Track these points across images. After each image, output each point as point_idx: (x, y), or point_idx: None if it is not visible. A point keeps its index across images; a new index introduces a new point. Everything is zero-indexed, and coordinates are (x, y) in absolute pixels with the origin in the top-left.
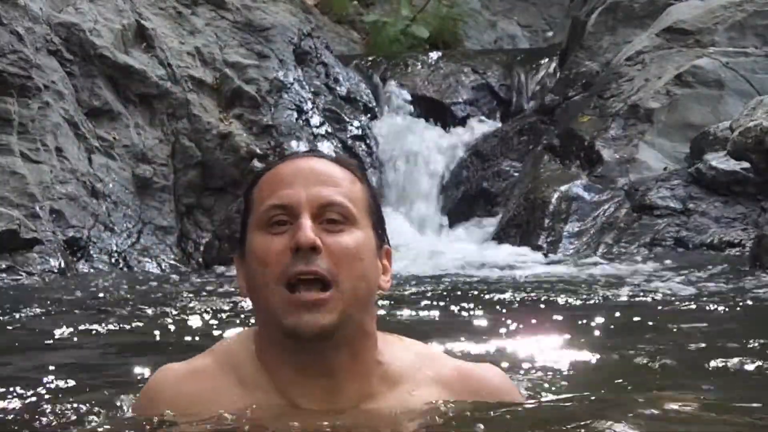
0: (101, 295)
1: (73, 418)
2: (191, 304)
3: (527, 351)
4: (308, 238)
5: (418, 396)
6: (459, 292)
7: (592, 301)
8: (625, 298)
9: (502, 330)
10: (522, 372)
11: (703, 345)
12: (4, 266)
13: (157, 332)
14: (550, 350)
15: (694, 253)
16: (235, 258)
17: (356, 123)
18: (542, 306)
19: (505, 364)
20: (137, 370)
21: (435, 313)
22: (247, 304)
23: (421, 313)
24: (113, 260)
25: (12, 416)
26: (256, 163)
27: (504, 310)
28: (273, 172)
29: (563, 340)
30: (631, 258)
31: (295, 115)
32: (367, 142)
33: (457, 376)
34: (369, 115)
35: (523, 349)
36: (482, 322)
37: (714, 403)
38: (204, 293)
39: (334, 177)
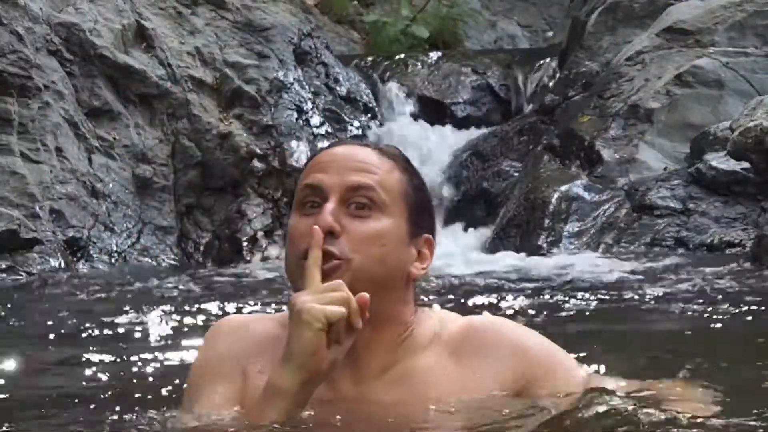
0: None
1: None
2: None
3: None
4: (325, 221)
5: (434, 361)
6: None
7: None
8: (624, 298)
9: None
10: None
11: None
12: (4, 266)
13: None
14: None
15: (694, 253)
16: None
17: (356, 123)
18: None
19: None
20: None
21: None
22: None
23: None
24: (113, 260)
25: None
26: (256, 163)
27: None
28: (316, 156)
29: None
30: (631, 258)
31: (295, 115)
32: (366, 141)
33: (461, 333)
34: (369, 115)
35: None
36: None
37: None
38: (203, 293)
39: (369, 163)
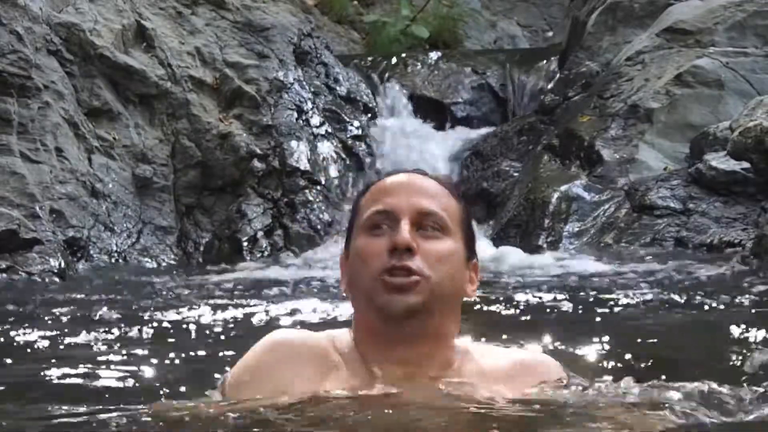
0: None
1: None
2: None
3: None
4: (405, 239)
5: (489, 367)
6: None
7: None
8: (624, 298)
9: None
10: None
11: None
12: (3, 266)
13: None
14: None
15: (694, 253)
16: (341, 258)
17: (356, 123)
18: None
19: None
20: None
21: None
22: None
23: None
24: (113, 260)
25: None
26: (256, 163)
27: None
28: (380, 182)
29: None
30: (631, 258)
31: (295, 115)
32: (367, 141)
33: (518, 365)
34: (369, 115)
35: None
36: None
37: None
38: (203, 293)
39: (433, 190)
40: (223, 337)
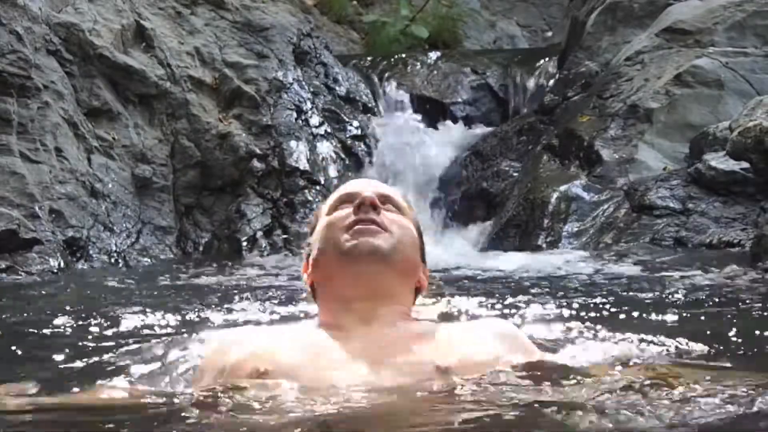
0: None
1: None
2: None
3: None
4: (370, 195)
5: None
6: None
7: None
8: (623, 298)
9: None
10: None
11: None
12: (3, 266)
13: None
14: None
15: (694, 253)
16: (303, 266)
17: (355, 123)
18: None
19: None
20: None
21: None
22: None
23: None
24: (113, 260)
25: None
26: (256, 163)
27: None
28: (342, 186)
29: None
30: (630, 258)
31: (295, 115)
32: (367, 141)
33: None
34: (368, 115)
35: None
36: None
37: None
38: (203, 293)
39: (391, 188)
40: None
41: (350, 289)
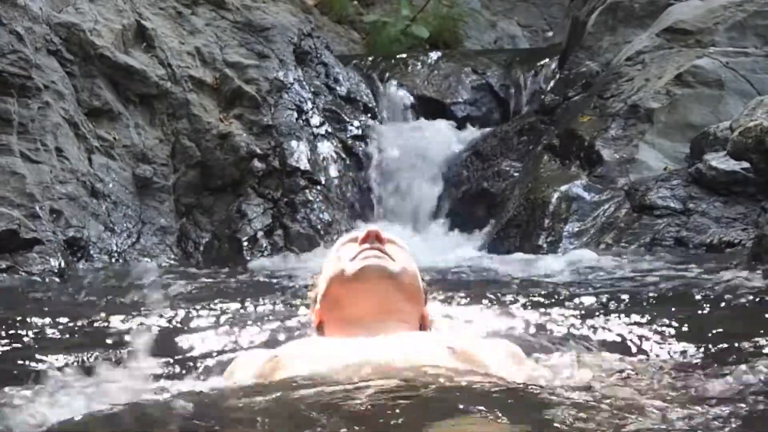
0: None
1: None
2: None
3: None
4: (374, 228)
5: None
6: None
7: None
8: (623, 298)
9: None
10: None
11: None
12: (4, 266)
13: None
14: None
15: (694, 253)
16: (311, 311)
17: (356, 123)
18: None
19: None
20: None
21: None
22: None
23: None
24: (113, 260)
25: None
26: (256, 163)
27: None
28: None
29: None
30: (631, 258)
31: (295, 115)
32: (367, 141)
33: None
34: (369, 115)
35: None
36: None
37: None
38: (203, 293)
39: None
40: (222, 337)
41: (360, 308)
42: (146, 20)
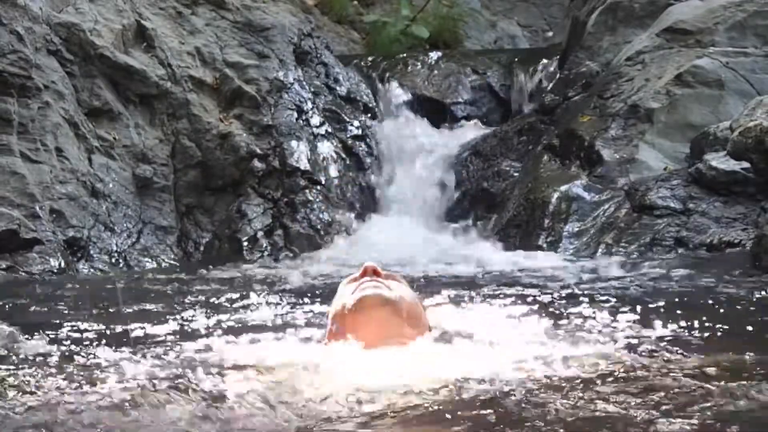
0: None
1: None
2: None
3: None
4: (371, 263)
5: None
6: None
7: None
8: (623, 298)
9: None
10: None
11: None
12: (4, 266)
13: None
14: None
15: (694, 253)
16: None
17: (356, 123)
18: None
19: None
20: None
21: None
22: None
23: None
24: (113, 260)
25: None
26: (256, 163)
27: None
28: None
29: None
30: (630, 258)
31: (295, 115)
32: (367, 141)
33: None
34: (369, 115)
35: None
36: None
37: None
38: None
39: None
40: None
41: (362, 336)
42: (146, 20)
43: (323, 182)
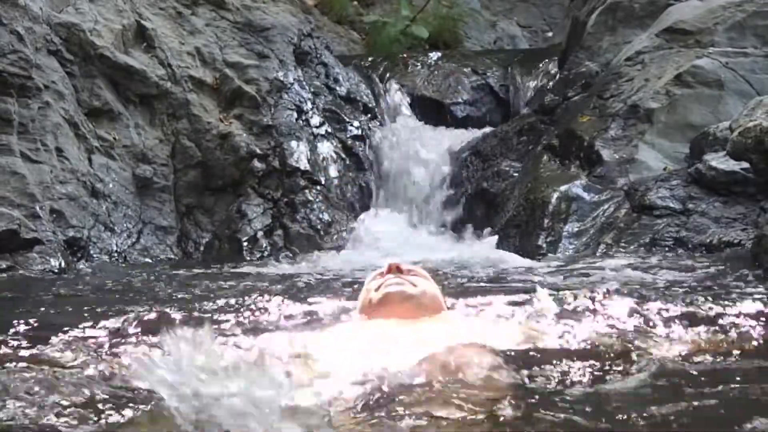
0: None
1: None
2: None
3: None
4: (394, 262)
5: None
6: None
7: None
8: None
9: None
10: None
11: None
12: (4, 266)
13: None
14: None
15: (694, 253)
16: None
17: (356, 123)
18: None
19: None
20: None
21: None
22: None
23: None
24: (113, 260)
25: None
26: (256, 163)
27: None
28: None
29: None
30: (630, 258)
31: (295, 115)
32: (367, 141)
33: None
34: (368, 115)
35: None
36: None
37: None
38: (203, 293)
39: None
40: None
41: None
42: (146, 20)
43: (323, 182)
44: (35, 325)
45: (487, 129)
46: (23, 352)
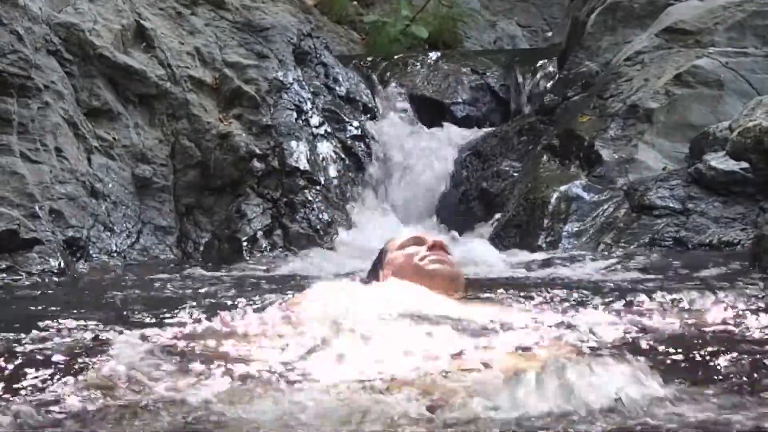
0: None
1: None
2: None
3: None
4: (440, 239)
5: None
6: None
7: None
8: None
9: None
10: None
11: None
12: (3, 266)
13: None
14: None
15: (694, 253)
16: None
17: (355, 123)
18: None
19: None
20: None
21: None
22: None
23: None
24: (113, 260)
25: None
26: (256, 163)
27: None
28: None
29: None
30: (630, 258)
31: (295, 115)
32: (367, 141)
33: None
34: (368, 115)
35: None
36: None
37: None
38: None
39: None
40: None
41: None
42: (146, 20)
43: (323, 182)
44: (35, 324)
45: (488, 129)
46: (20, 350)
